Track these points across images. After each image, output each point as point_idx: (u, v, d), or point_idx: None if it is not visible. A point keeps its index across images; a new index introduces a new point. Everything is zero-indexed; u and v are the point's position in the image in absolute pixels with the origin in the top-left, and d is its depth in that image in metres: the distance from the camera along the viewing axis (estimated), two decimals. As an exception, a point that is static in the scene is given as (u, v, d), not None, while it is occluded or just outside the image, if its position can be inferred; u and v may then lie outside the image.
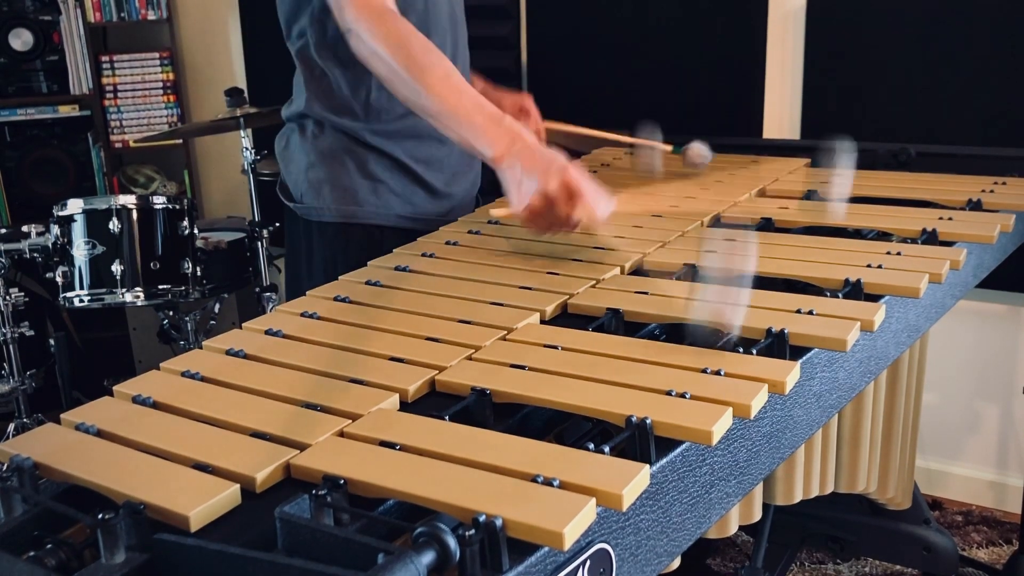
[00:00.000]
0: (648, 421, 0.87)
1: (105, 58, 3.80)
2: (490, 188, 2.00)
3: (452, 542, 0.68)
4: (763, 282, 1.32)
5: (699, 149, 1.92)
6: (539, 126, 1.88)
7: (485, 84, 1.88)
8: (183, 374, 1.06)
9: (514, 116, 1.79)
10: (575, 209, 1.23)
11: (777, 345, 1.09)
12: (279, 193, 1.79)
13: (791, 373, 1.00)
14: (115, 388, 1.03)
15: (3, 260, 2.66)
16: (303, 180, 1.72)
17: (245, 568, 0.70)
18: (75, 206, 2.56)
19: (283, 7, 1.69)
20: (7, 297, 2.74)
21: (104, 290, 2.56)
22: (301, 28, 1.67)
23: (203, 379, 1.05)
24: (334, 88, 1.67)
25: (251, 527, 0.78)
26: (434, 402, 1.00)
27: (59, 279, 2.58)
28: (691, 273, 1.35)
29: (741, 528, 1.56)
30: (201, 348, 1.15)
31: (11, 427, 2.81)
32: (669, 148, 1.96)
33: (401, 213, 1.71)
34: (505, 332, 1.14)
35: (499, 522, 0.71)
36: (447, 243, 1.51)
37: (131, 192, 3.82)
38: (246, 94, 2.88)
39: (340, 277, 1.38)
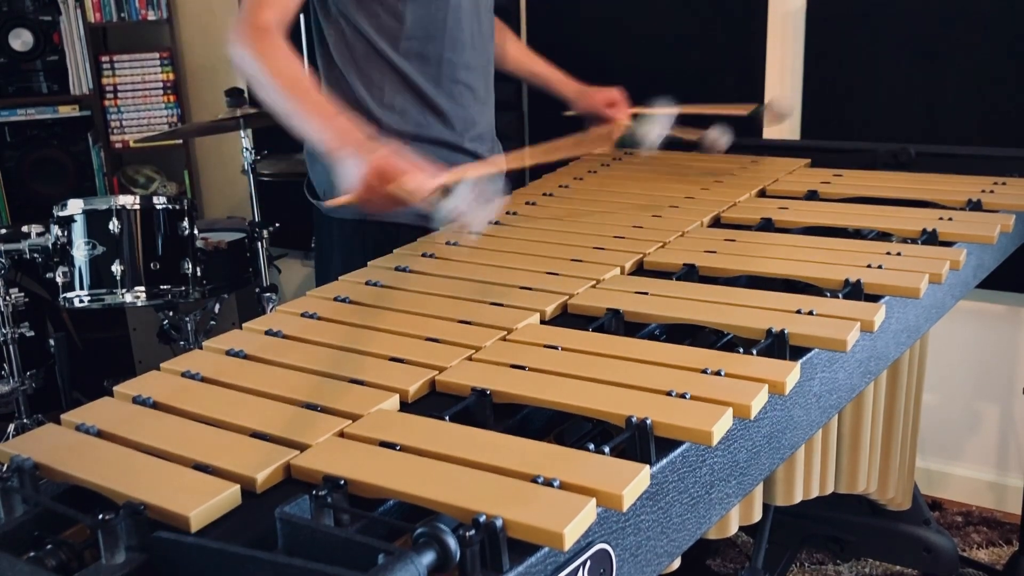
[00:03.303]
0: (648, 421, 0.87)
1: (105, 58, 3.80)
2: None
3: (452, 542, 0.68)
4: (763, 282, 1.32)
5: (782, 101, 1.96)
6: (626, 112, 1.98)
7: (580, 85, 2.02)
8: (183, 374, 1.06)
9: (604, 107, 1.96)
10: (394, 185, 1.31)
11: (777, 345, 1.09)
12: (305, 191, 1.85)
13: (791, 373, 1.00)
14: (115, 388, 1.03)
15: (3, 260, 2.66)
16: (326, 178, 1.76)
17: (246, 567, 0.70)
18: (75, 206, 2.56)
19: (312, 6, 1.74)
20: (7, 297, 2.74)
21: (104, 290, 2.56)
22: (323, 27, 1.73)
23: (203, 379, 1.05)
24: (352, 88, 1.72)
25: (251, 527, 0.78)
26: (434, 402, 1.00)
27: (59, 279, 2.58)
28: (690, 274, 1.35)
29: (741, 528, 1.55)
30: (201, 348, 1.15)
31: (11, 427, 2.81)
32: (747, 111, 2.00)
33: (417, 211, 1.74)
34: (505, 332, 1.14)
35: (499, 522, 0.71)
36: (447, 243, 1.51)
37: (131, 192, 3.82)
38: (246, 94, 2.87)
39: (340, 277, 1.38)
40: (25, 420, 2.84)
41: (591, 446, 0.84)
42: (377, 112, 1.71)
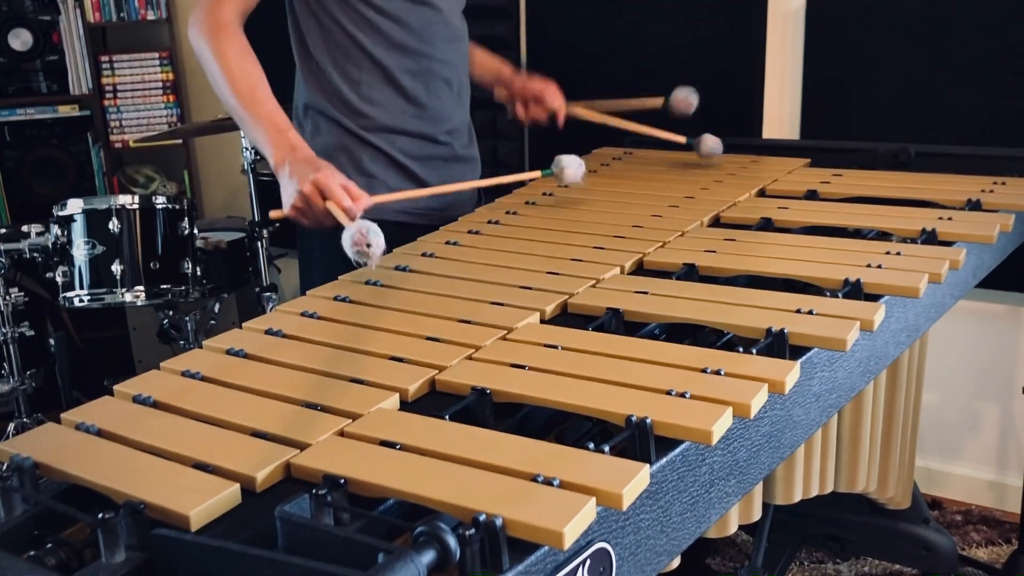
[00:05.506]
0: (648, 421, 0.87)
1: (105, 58, 3.80)
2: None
3: (452, 541, 0.68)
4: (763, 281, 1.32)
5: (711, 140, 2.02)
6: (562, 107, 1.98)
7: (512, 69, 2.02)
8: (183, 374, 1.06)
9: (535, 98, 1.95)
10: (326, 204, 1.38)
11: (777, 345, 1.09)
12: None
13: (791, 373, 1.00)
14: (115, 388, 1.03)
15: (3, 260, 2.66)
16: None
17: (246, 565, 0.70)
18: (75, 206, 2.56)
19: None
20: (7, 297, 2.74)
21: (104, 290, 2.56)
22: (299, 20, 1.72)
23: (203, 379, 1.05)
24: (330, 81, 1.71)
25: (251, 526, 0.78)
26: (434, 402, 1.00)
27: (59, 279, 2.58)
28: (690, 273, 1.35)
29: (741, 527, 1.56)
30: (201, 347, 1.15)
31: (11, 427, 2.81)
32: (682, 140, 2.04)
33: (396, 207, 1.73)
34: (505, 332, 1.14)
35: (499, 521, 0.71)
36: (447, 243, 1.51)
37: (131, 192, 3.82)
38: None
39: (340, 277, 1.38)
40: (25, 419, 2.84)
41: (591, 445, 0.84)
42: (356, 105, 1.71)
